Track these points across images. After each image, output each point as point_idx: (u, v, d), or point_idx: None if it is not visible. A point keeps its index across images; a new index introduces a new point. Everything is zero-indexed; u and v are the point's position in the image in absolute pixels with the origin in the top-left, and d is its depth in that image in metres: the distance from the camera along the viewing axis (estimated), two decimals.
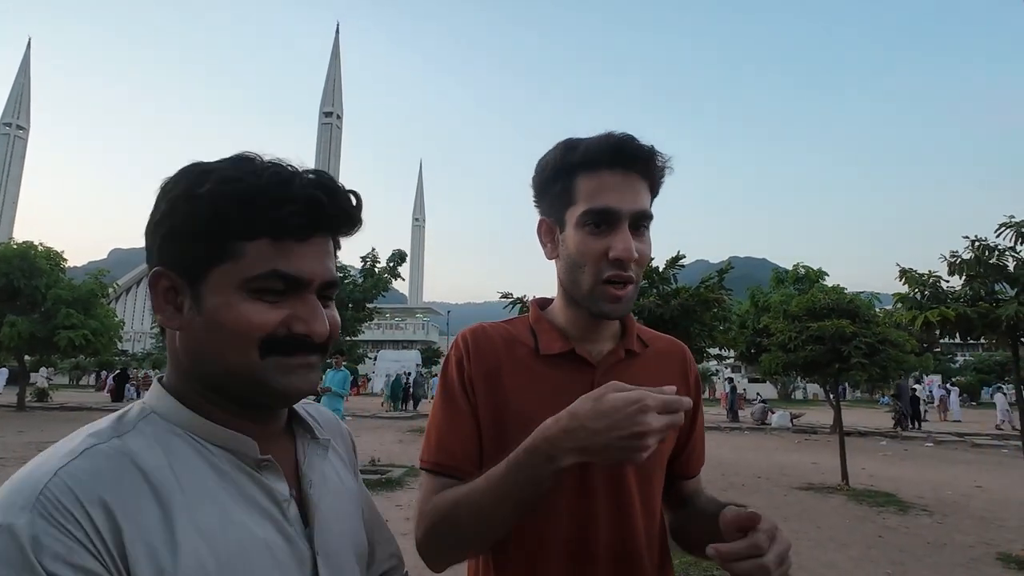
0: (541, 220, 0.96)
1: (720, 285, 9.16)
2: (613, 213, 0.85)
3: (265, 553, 0.58)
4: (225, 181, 0.59)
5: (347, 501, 0.73)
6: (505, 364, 0.93)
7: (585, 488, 0.87)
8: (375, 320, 24.83)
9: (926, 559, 4.95)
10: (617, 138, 0.86)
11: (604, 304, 0.87)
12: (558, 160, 0.89)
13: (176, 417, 0.60)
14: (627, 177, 0.86)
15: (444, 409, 0.93)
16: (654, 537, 0.92)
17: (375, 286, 17.11)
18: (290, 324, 0.60)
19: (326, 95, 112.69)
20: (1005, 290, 5.30)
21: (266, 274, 0.58)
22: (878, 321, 8.45)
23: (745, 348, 16.02)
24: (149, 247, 0.62)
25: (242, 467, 0.60)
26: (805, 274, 19.90)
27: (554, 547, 0.86)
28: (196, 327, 0.59)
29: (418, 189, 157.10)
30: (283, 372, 0.60)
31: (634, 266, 0.86)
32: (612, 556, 0.86)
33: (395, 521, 5.73)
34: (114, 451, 0.55)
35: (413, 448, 11.06)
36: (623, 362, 0.94)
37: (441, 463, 0.90)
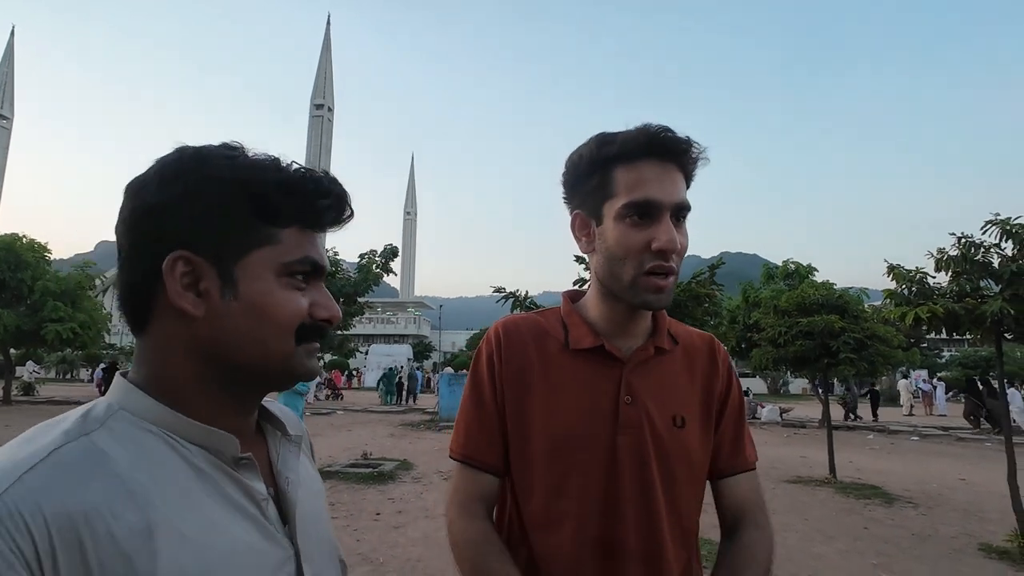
0: (575, 215, 0.94)
1: (711, 280, 9.23)
2: (655, 204, 0.84)
3: (248, 555, 0.55)
4: (265, 168, 0.59)
5: (318, 497, 0.71)
6: (534, 359, 0.94)
7: (611, 483, 0.88)
8: (366, 314, 24.76)
9: (911, 550, 5.05)
10: (655, 130, 0.86)
11: (647, 295, 0.86)
12: (594, 153, 0.88)
13: (148, 414, 0.55)
14: (665, 168, 0.86)
15: (472, 403, 0.96)
16: (680, 537, 0.91)
17: (366, 279, 17.08)
18: (314, 311, 0.61)
19: (317, 87, 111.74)
20: (990, 286, 5.38)
21: (301, 259, 0.59)
22: (866, 317, 8.56)
23: (736, 343, 16.13)
24: (144, 232, 0.57)
25: (220, 466, 0.57)
26: (795, 270, 20.05)
27: (577, 540, 0.87)
28: (229, 315, 0.56)
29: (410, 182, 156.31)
30: (306, 357, 0.61)
31: (675, 257, 0.86)
32: (640, 556, 0.86)
33: (388, 515, 5.75)
34: (83, 451, 0.50)
35: (405, 442, 11.08)
36: (652, 359, 0.94)
37: (469, 456, 0.94)
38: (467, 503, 0.93)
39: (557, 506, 0.88)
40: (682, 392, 0.94)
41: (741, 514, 0.95)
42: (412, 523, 5.46)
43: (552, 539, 0.88)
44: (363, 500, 6.33)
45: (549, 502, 0.89)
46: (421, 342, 53.91)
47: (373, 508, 6.00)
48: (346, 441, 11.02)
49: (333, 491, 6.69)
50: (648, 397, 0.91)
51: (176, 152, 0.59)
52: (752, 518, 0.94)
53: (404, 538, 4.99)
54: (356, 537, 4.97)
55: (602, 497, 0.87)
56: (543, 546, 0.89)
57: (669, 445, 0.90)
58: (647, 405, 0.90)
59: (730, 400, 0.99)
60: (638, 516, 0.87)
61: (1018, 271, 5.07)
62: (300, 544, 0.61)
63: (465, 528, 0.91)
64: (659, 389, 0.92)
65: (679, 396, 0.94)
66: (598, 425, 0.89)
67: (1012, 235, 5.13)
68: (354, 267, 17.69)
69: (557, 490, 0.88)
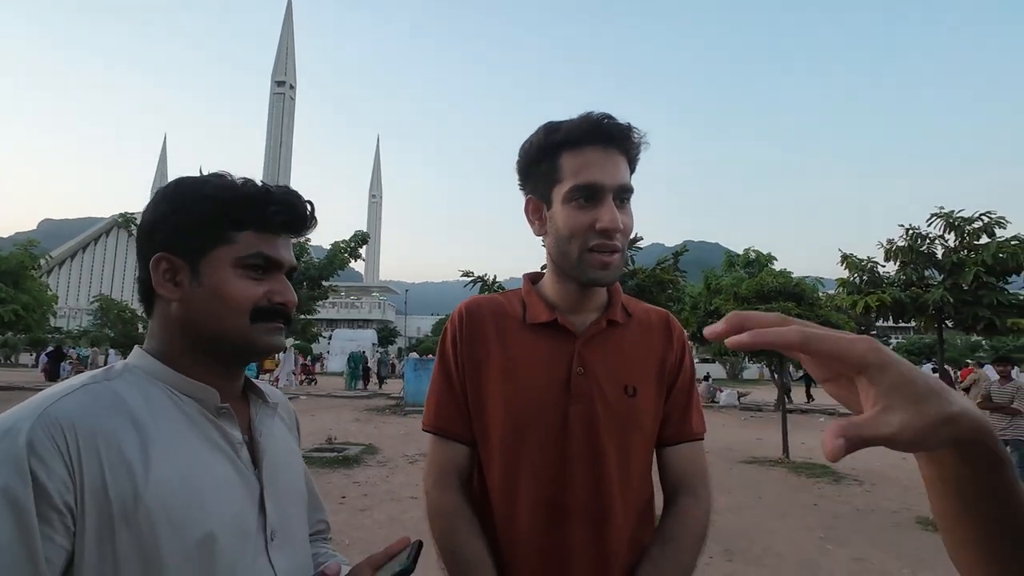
0: (528, 200, 1.00)
1: (675, 267, 9.41)
2: (599, 187, 0.89)
3: (221, 481, 0.71)
4: (223, 188, 0.77)
5: (290, 455, 0.88)
6: (492, 335, 0.99)
7: (562, 449, 0.92)
8: (330, 298, 24.35)
9: (855, 524, 5.34)
10: (597, 117, 0.91)
11: (594, 271, 0.92)
12: (541, 141, 0.93)
13: (154, 371, 0.74)
14: (608, 153, 0.91)
15: (441, 379, 1.01)
16: (631, 500, 0.95)
17: (331, 264, 16.77)
18: (271, 296, 0.77)
19: (278, 64, 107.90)
20: (934, 276, 5.68)
21: (253, 255, 0.76)
22: (821, 304, 8.88)
23: (697, 328, 16.54)
24: (147, 241, 0.77)
25: (205, 413, 0.74)
26: (755, 258, 20.59)
27: (531, 502, 0.91)
28: (195, 298, 0.75)
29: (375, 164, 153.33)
30: (265, 333, 0.77)
31: (619, 236, 0.91)
32: (587, 516, 0.91)
33: (353, 498, 5.73)
34: (106, 390, 0.69)
35: (370, 427, 11.01)
36: (606, 331, 0.99)
37: (441, 428, 0.99)
38: (442, 474, 0.97)
39: (515, 474, 0.93)
40: (635, 363, 0.99)
41: (681, 483, 0.99)
42: (378, 506, 5.46)
43: (510, 505, 0.93)
44: (328, 484, 6.29)
45: (507, 470, 0.93)
46: (386, 327, 53.41)
47: (338, 492, 5.97)
48: (310, 426, 10.88)
49: None
50: (600, 368, 0.95)
51: (172, 182, 0.79)
52: (691, 487, 0.98)
53: (370, 520, 4.99)
54: None
55: (554, 464, 0.92)
56: (502, 512, 0.93)
57: (620, 413, 0.94)
58: (599, 376, 0.95)
59: (682, 373, 1.03)
60: (587, 481, 0.91)
61: (959, 262, 5.35)
62: (265, 483, 0.77)
63: (439, 499, 0.96)
64: (611, 360, 0.97)
65: (631, 367, 0.98)
66: (552, 396, 0.93)
67: (955, 227, 5.41)
68: (324, 254, 17.35)
69: (515, 459, 0.93)
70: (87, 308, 47.96)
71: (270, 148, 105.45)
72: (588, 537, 0.91)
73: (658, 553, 0.92)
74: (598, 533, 0.91)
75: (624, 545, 0.93)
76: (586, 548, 0.90)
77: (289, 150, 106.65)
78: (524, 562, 0.91)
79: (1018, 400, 6.17)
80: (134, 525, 0.63)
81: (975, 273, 5.12)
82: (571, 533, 0.90)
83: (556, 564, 0.90)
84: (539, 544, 0.90)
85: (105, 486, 0.63)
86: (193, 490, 0.67)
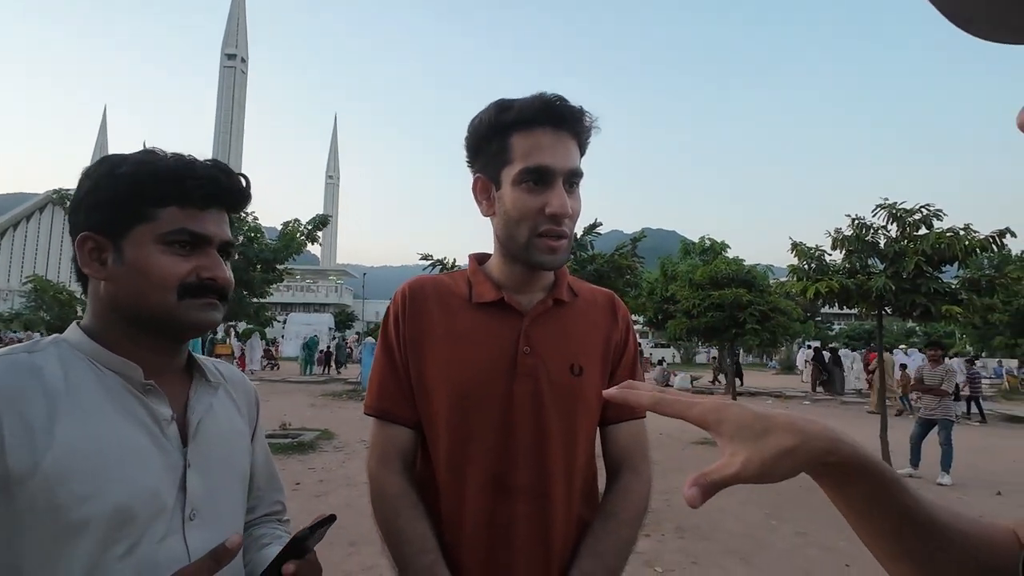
0: (476, 178, 0.98)
1: (633, 253, 9.56)
2: (549, 171, 0.89)
3: (134, 454, 0.70)
4: (140, 163, 0.76)
5: (231, 433, 0.86)
6: (437, 315, 0.97)
7: (507, 426, 0.92)
8: (285, 282, 23.70)
9: (797, 501, 5.61)
10: (549, 98, 0.90)
11: (541, 255, 0.91)
12: (492, 119, 0.92)
13: (80, 345, 0.75)
14: (559, 136, 0.90)
15: (384, 361, 0.99)
16: (574, 476, 0.96)
17: (287, 247, 16.27)
18: (199, 272, 0.77)
19: (229, 35, 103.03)
20: (876, 265, 5.96)
21: (176, 231, 0.75)
22: (771, 291, 9.22)
23: (654, 314, 16.93)
24: (74, 220, 0.77)
25: (130, 389, 0.74)
26: (710, 246, 21.19)
27: (477, 481, 0.91)
28: (120, 276, 0.75)
29: (332, 144, 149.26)
30: (195, 310, 0.77)
31: (568, 221, 0.92)
32: (531, 493, 0.91)
33: (309, 484, 5.64)
34: (20, 360, 0.70)
35: (326, 412, 10.84)
36: (551, 310, 0.99)
37: (385, 410, 0.97)
38: (385, 457, 0.95)
39: (461, 452, 0.92)
40: (580, 342, 0.99)
41: (623, 460, 1.01)
42: (334, 491, 5.39)
43: (456, 484, 0.92)
44: (282, 471, 6.05)
45: (454, 448, 0.92)
46: (343, 311, 52.45)
47: (293, 478, 5.86)
48: (263, 412, 10.63)
49: None
50: (546, 347, 0.95)
51: (98, 160, 0.79)
52: (632, 464, 1.00)
53: (326, 506, 4.92)
54: None
55: (499, 440, 0.91)
56: (448, 491, 0.93)
57: (565, 391, 0.94)
58: (544, 354, 0.95)
59: (626, 352, 1.04)
60: (530, 457, 0.91)
61: (900, 251, 5.63)
62: (192, 460, 0.76)
63: (382, 483, 0.94)
64: (557, 339, 0.97)
65: (577, 345, 0.98)
66: (498, 374, 0.93)
67: (897, 218, 5.67)
68: (275, 235, 16.80)
69: (461, 437, 0.92)
70: (19, 289, 45.07)
71: (220, 124, 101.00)
72: (532, 514, 0.91)
73: (600, 528, 0.95)
74: (542, 510, 0.91)
75: (568, 522, 0.94)
76: (530, 525, 0.91)
77: (241, 127, 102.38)
78: (469, 540, 0.91)
79: (946, 382, 6.59)
80: (30, 490, 0.64)
81: (915, 262, 5.40)
82: (516, 510, 0.90)
83: (500, 541, 0.90)
84: (484, 521, 0.90)
85: (3, 449, 0.63)
86: (101, 462, 0.67)
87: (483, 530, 0.90)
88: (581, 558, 0.91)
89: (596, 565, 0.91)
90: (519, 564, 0.90)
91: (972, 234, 5.27)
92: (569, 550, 0.93)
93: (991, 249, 5.34)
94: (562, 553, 0.92)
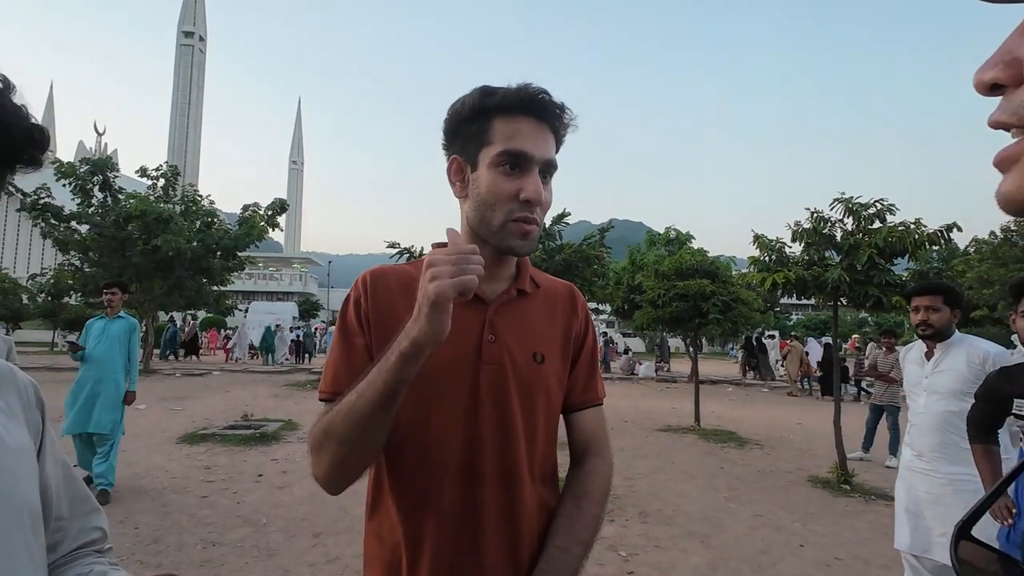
0: (452, 159, 0.98)
1: (601, 243, 9.64)
2: (527, 157, 0.91)
3: None
4: None
5: (9, 455, 0.64)
6: (401, 303, 0.95)
7: (473, 413, 0.93)
8: (247, 270, 23.03)
9: (755, 484, 5.81)
10: (534, 90, 0.92)
11: (514, 240, 0.93)
12: (476, 102, 0.93)
13: None
14: (540, 127, 0.93)
15: (341, 345, 0.97)
16: (537, 461, 0.98)
17: (248, 234, 15.83)
18: None
19: (186, 11, 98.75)
20: (833, 257, 6.16)
21: None
22: (733, 281, 9.44)
23: (621, 304, 17.14)
24: None
25: None
26: (676, 237, 21.54)
27: (444, 467, 0.92)
28: None
29: (296, 129, 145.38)
30: None
31: (539, 210, 0.93)
32: (497, 477, 0.93)
33: (271, 476, 5.54)
34: None
35: (290, 402, 10.65)
36: (515, 300, 1.00)
37: (337, 393, 0.92)
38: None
39: (424, 438, 0.92)
40: (542, 332, 1.01)
41: (587, 444, 1.05)
42: (298, 483, 5.31)
43: (423, 470, 0.92)
44: (243, 463, 6.04)
45: (417, 434, 0.92)
46: (308, 300, 51.42)
47: (255, 470, 5.75)
48: (224, 403, 10.37)
49: (209, 454, 6.31)
50: (510, 336, 0.97)
51: None
52: (596, 447, 1.05)
53: (289, 497, 4.85)
54: (236, 500, 4.74)
55: (464, 427, 0.92)
56: (414, 477, 0.93)
57: (529, 379, 0.97)
58: (508, 343, 0.96)
59: (586, 342, 1.08)
60: (496, 443, 0.93)
61: (855, 244, 5.83)
62: None
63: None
64: (520, 328, 0.99)
65: (539, 335, 1.01)
66: (463, 362, 0.93)
67: (853, 212, 5.87)
68: (235, 220, 16.32)
69: (424, 424, 0.92)
70: None
71: (177, 106, 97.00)
72: (499, 498, 0.93)
73: (573, 506, 0.98)
74: (508, 495, 0.93)
75: (533, 505, 0.96)
76: (498, 508, 0.92)
77: (199, 109, 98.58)
78: (437, 525, 0.91)
79: (895, 370, 6.90)
80: None
81: (869, 255, 5.60)
82: (483, 494, 0.92)
83: (469, 525, 0.91)
84: (453, 507, 0.91)
85: None
86: None
87: (452, 516, 0.91)
88: (556, 535, 0.95)
89: (571, 540, 0.94)
90: (488, 547, 0.91)
91: (922, 228, 5.50)
92: (535, 532, 0.96)
93: (939, 243, 5.58)
94: (530, 536, 0.95)
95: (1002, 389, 1.92)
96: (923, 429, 2.61)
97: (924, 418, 2.62)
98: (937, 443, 2.53)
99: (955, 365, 2.57)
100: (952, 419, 2.50)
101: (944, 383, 2.58)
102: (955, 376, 2.55)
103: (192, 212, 15.95)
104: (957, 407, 2.49)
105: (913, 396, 2.75)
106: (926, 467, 2.56)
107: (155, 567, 3.37)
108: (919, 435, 2.63)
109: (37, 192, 14.70)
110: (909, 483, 2.64)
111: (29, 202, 14.60)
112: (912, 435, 2.68)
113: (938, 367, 2.63)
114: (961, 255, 23.97)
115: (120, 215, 14.46)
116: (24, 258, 54.07)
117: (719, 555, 3.90)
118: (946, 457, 2.50)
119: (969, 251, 25.02)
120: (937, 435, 2.54)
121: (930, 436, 2.56)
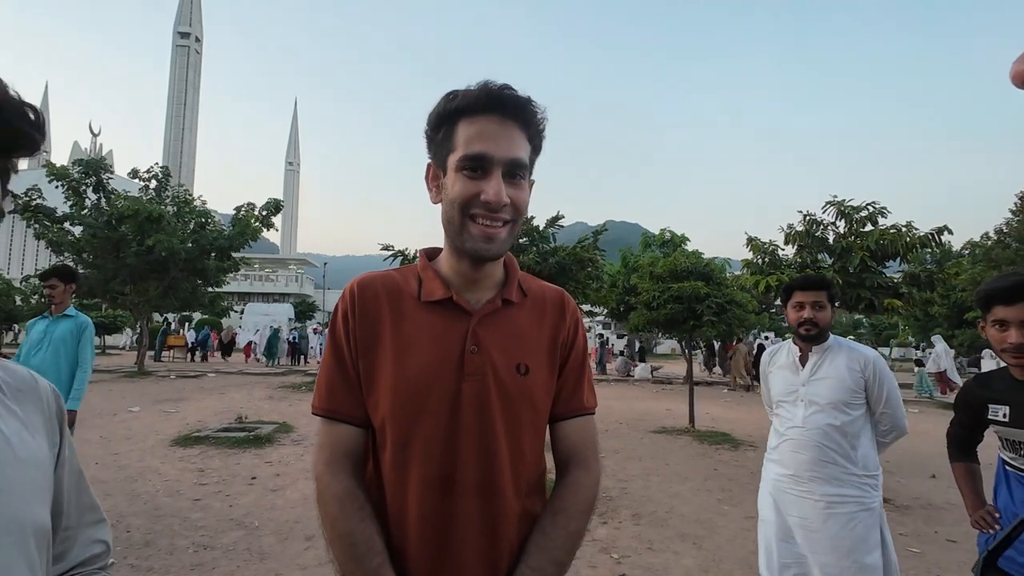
0: (428, 165, 0.99)
1: (595, 246, 9.66)
2: (487, 159, 0.89)
3: None
4: None
5: (15, 467, 0.62)
6: (386, 313, 0.96)
7: (454, 425, 0.92)
8: (242, 271, 23.00)
9: (749, 486, 5.82)
10: (495, 87, 0.90)
11: (476, 243, 0.91)
12: (441, 108, 0.92)
13: None
14: (504, 125, 0.90)
15: (332, 360, 0.98)
16: (521, 473, 0.96)
17: (242, 234, 15.79)
18: None
19: (182, 13, 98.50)
20: (825, 260, 6.20)
21: None
22: (727, 284, 9.46)
23: (616, 305, 17.16)
24: None
25: None
26: (671, 238, 21.58)
27: (424, 479, 0.91)
28: None
29: (292, 130, 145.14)
30: None
31: (509, 211, 0.91)
32: (478, 491, 0.91)
33: (265, 478, 5.53)
34: None
35: (284, 404, 10.61)
36: (500, 311, 0.99)
37: (333, 410, 0.96)
38: (333, 459, 0.94)
39: (407, 452, 0.91)
40: (528, 342, 0.99)
41: (572, 455, 1.02)
42: (291, 485, 5.29)
43: (401, 483, 0.92)
44: (236, 465, 6.02)
45: (401, 448, 0.92)
46: (304, 301, 51.27)
47: (248, 473, 5.73)
48: (218, 405, 10.33)
49: (203, 457, 6.29)
50: (493, 347, 0.95)
51: None
52: (582, 459, 1.01)
53: (282, 500, 4.84)
54: (229, 503, 4.73)
55: (445, 439, 0.91)
56: (394, 489, 0.92)
57: (512, 391, 0.95)
58: (492, 354, 0.95)
59: (574, 350, 1.05)
60: (478, 455, 0.92)
61: (847, 247, 5.87)
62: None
63: (330, 484, 0.92)
64: (505, 339, 0.97)
65: (524, 345, 0.99)
66: (445, 374, 0.92)
67: (845, 215, 5.91)
68: (229, 220, 16.29)
69: (407, 437, 0.91)
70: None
71: (172, 107, 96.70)
72: (480, 510, 0.91)
73: (549, 523, 0.95)
74: (489, 506, 0.92)
75: (515, 517, 0.95)
76: (478, 521, 0.91)
77: (195, 110, 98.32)
78: (416, 538, 0.91)
79: None
80: None
81: (861, 258, 5.64)
82: (461, 508, 0.91)
83: (448, 538, 0.91)
84: (432, 519, 0.91)
85: None
86: None
87: (431, 528, 0.90)
88: (529, 554, 0.92)
89: (544, 559, 0.92)
90: (467, 560, 0.90)
91: (913, 231, 5.54)
92: (517, 545, 0.94)
93: (930, 245, 5.63)
94: (511, 548, 0.93)
95: (979, 396, 1.92)
96: (800, 445, 2.32)
97: (802, 432, 2.32)
98: (815, 460, 2.27)
99: (836, 372, 2.30)
100: (832, 433, 2.26)
101: (824, 392, 2.30)
102: (836, 385, 2.29)
103: (185, 213, 15.92)
104: (838, 420, 2.26)
105: (786, 407, 2.43)
106: (802, 490, 2.30)
107: (146, 570, 3.36)
108: (793, 451, 2.35)
109: (28, 193, 14.65)
110: (779, 507, 2.39)
111: (21, 203, 14.55)
112: (783, 452, 2.39)
113: (816, 374, 2.35)
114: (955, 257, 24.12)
115: (113, 215, 14.42)
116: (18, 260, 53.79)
117: (711, 557, 3.91)
118: (823, 476, 2.26)
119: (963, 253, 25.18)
120: (815, 451, 2.28)
121: (807, 452, 2.29)
